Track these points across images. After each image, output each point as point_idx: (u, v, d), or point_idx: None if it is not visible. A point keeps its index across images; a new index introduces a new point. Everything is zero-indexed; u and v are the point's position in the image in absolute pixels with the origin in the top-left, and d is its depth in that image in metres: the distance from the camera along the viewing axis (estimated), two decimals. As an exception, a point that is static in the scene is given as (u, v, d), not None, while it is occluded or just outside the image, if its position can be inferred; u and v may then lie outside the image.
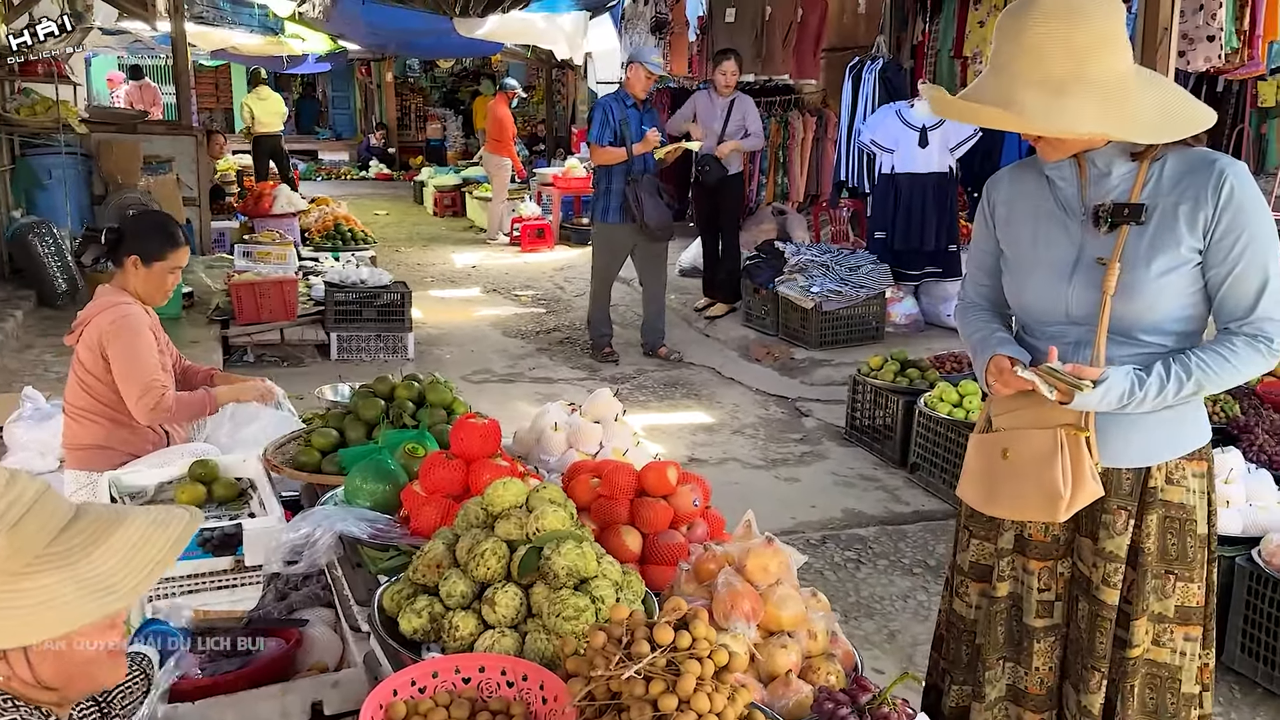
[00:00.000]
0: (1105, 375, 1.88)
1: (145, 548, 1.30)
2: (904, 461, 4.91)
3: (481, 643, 1.76)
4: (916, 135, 6.68)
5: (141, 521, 1.32)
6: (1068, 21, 1.77)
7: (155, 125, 9.31)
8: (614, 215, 6.51)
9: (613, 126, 6.47)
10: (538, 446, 3.01)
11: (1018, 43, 1.82)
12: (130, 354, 3.08)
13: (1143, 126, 1.82)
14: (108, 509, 1.36)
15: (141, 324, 3.14)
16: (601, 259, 6.78)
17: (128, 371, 3.08)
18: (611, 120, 6.47)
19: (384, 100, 20.55)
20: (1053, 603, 2.10)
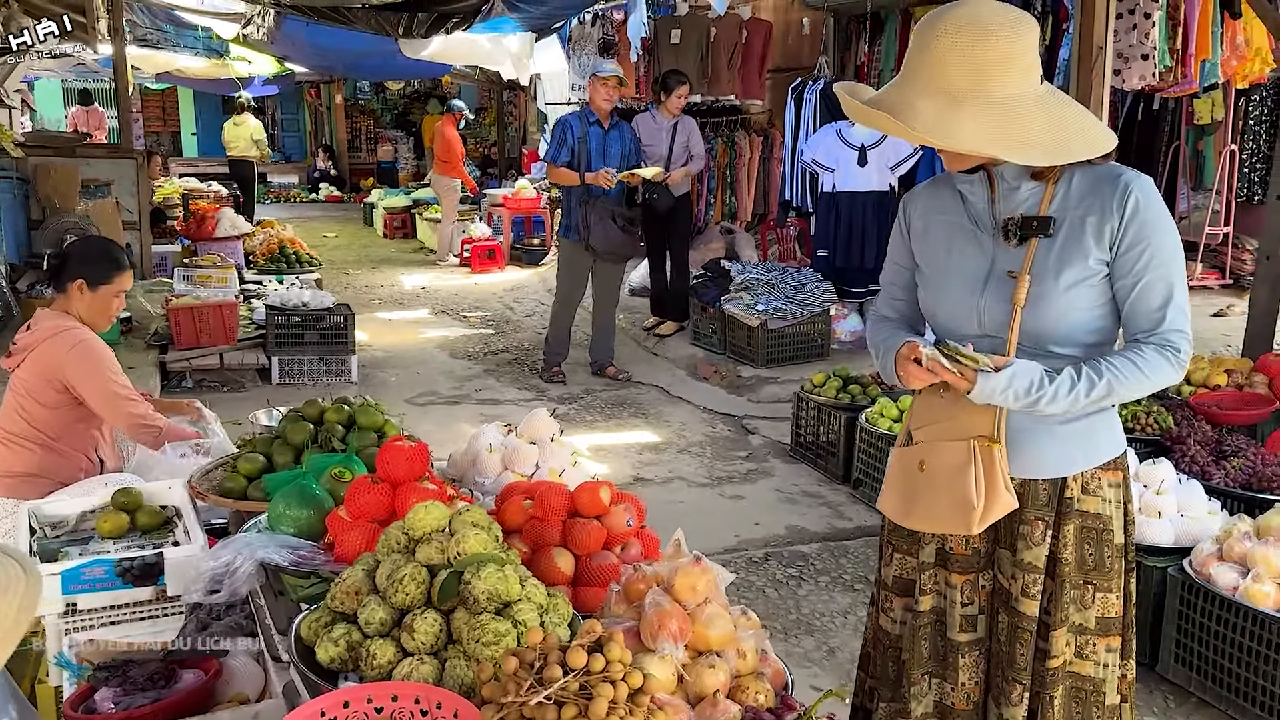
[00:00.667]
0: (1011, 363, 1.89)
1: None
2: (847, 477, 4.93)
3: (400, 671, 1.72)
4: (855, 154, 6.77)
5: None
6: (972, 36, 1.80)
7: (94, 149, 9.14)
8: (571, 234, 6.52)
9: (570, 145, 6.40)
10: (473, 469, 2.98)
11: (923, 53, 1.86)
12: (102, 373, 3.12)
13: (1031, 148, 1.83)
14: None
15: (103, 345, 3.18)
16: (563, 277, 6.75)
17: (106, 389, 3.10)
18: (570, 139, 6.41)
19: (334, 123, 20.40)
20: (975, 616, 2.11)
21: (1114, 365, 1.91)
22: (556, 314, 6.86)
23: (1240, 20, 7.08)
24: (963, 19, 1.82)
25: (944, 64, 1.82)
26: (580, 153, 6.39)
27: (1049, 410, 1.91)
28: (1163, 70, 6.88)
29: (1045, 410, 1.91)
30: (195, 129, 22.79)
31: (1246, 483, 3.60)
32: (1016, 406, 1.90)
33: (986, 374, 1.88)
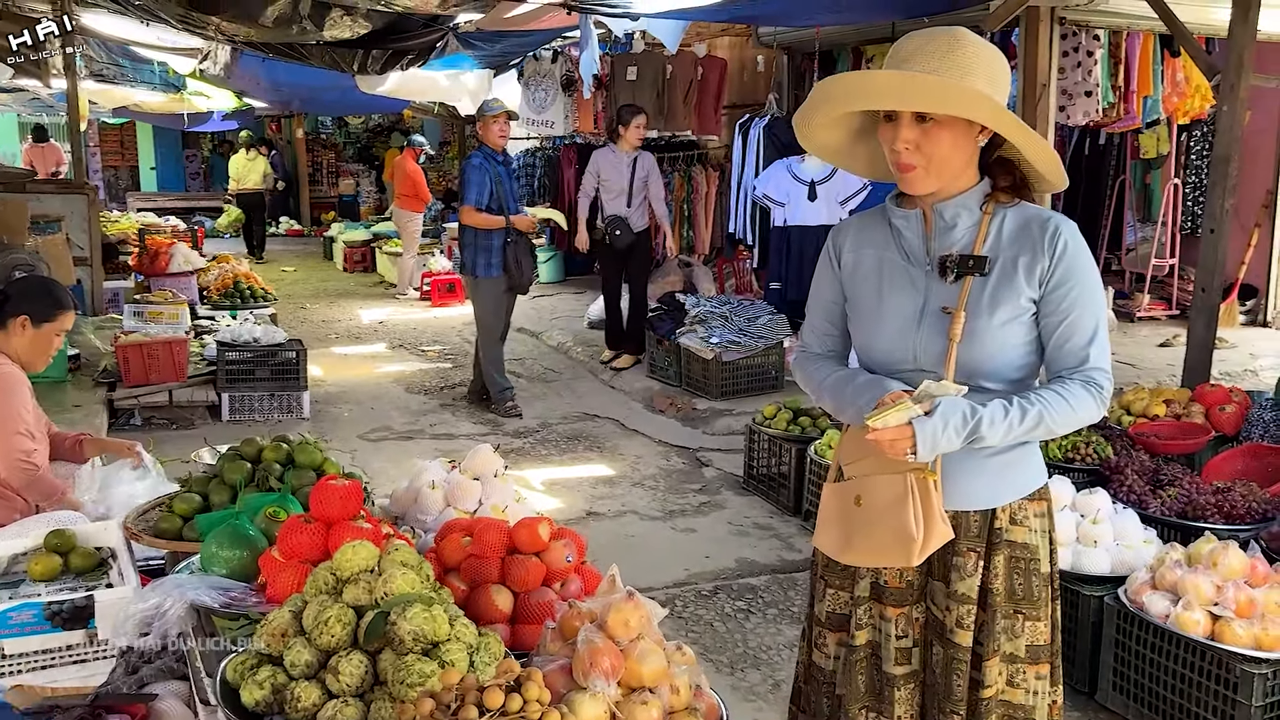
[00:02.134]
0: (937, 404, 1.91)
1: None
2: (798, 509, 4.96)
3: (324, 713, 1.71)
4: (806, 189, 6.88)
5: None
6: (946, 37, 1.92)
7: (44, 184, 9.05)
8: (496, 270, 6.57)
9: (489, 188, 6.53)
10: (415, 506, 2.96)
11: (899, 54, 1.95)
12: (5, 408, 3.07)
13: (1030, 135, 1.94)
14: None
15: (19, 382, 3.12)
16: (488, 314, 6.77)
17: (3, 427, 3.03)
18: (488, 182, 6.53)
19: (295, 156, 20.33)
20: (910, 649, 2.13)
21: (1043, 398, 1.97)
22: (490, 351, 6.88)
23: (1180, 59, 7.31)
24: (937, 29, 1.94)
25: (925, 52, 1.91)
26: (498, 194, 6.54)
27: (988, 439, 1.94)
28: (1106, 106, 7.08)
29: (985, 439, 1.94)
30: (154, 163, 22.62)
31: (1182, 511, 3.67)
32: (960, 444, 1.93)
33: (922, 422, 1.89)
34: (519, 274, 6.57)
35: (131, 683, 2.33)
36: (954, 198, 2.02)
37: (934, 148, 1.94)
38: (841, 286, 2.19)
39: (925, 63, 1.89)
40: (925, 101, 1.90)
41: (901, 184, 2.02)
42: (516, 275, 6.57)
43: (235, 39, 7.75)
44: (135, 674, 2.36)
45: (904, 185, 2.01)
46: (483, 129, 6.61)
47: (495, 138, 6.57)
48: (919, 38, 1.94)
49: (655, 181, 7.31)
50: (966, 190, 2.02)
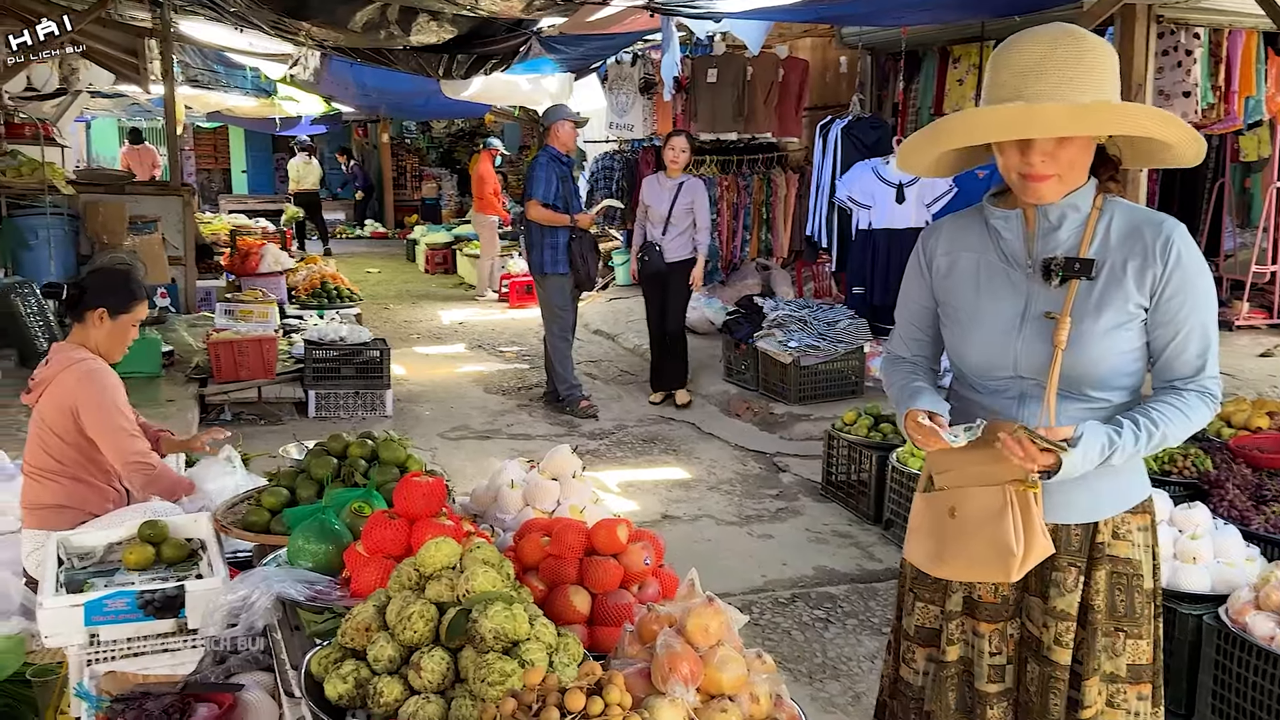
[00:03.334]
0: (1080, 432, 1.86)
1: None
2: (878, 518, 4.87)
3: (406, 709, 1.71)
4: (893, 191, 6.75)
5: None
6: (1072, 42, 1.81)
7: (142, 186, 9.37)
8: (562, 266, 6.69)
9: (556, 186, 6.68)
10: (494, 505, 2.98)
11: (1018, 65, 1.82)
12: (107, 404, 3.13)
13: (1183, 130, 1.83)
14: None
15: (112, 376, 3.19)
16: (558, 313, 6.87)
17: (106, 421, 3.12)
18: (554, 181, 6.70)
19: (380, 160, 20.77)
20: (1004, 666, 2.06)
21: (1163, 413, 1.91)
22: (560, 349, 6.94)
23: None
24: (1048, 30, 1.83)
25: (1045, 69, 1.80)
26: (564, 192, 6.71)
27: (1114, 462, 1.89)
28: (1205, 108, 6.80)
29: (1112, 462, 1.89)
30: (245, 166, 23.34)
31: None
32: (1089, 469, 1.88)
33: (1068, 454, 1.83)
34: (584, 269, 6.70)
35: (219, 672, 2.38)
36: (1063, 198, 1.92)
37: (1067, 155, 1.86)
38: (933, 291, 2.12)
39: (1057, 74, 1.78)
40: (1090, 126, 1.83)
41: (1028, 194, 1.91)
42: (582, 270, 6.69)
43: (325, 44, 7.93)
44: (223, 664, 2.41)
45: (1032, 195, 1.91)
46: (556, 130, 6.75)
47: (567, 140, 6.77)
48: (1038, 44, 1.81)
49: (701, 210, 6.89)
50: (1077, 189, 1.93)
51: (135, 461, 3.16)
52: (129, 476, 3.18)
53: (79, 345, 3.21)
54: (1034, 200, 1.92)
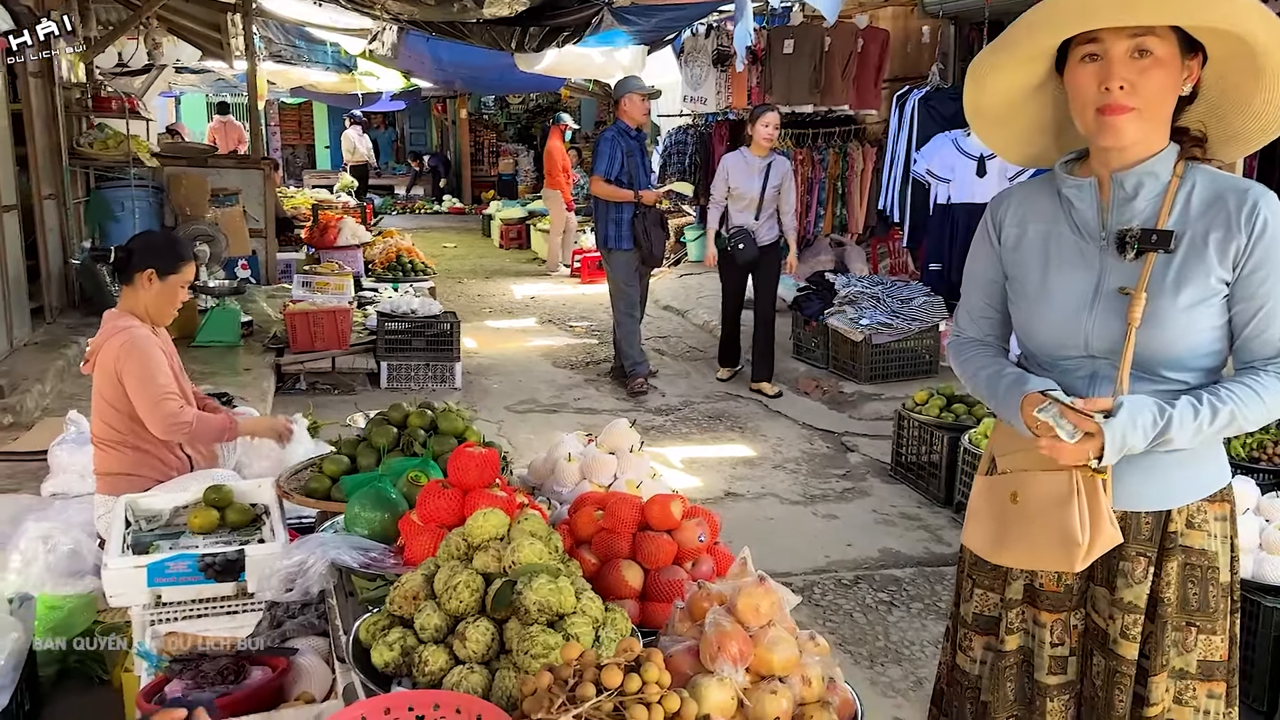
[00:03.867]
0: (1120, 403, 1.73)
1: None
2: (949, 500, 4.75)
3: (450, 678, 1.71)
4: (974, 164, 6.54)
5: None
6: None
7: (224, 159, 9.60)
8: (627, 242, 6.62)
9: (620, 161, 6.58)
10: (551, 478, 2.97)
11: None
12: (142, 372, 3.14)
13: None
14: None
15: (151, 343, 3.19)
16: (624, 289, 6.81)
17: (141, 388, 3.13)
18: (619, 155, 6.57)
19: (458, 136, 20.96)
20: (1066, 658, 1.96)
21: (1234, 393, 1.77)
22: (626, 326, 6.86)
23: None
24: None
25: None
26: (629, 167, 6.58)
27: (1176, 441, 1.76)
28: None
29: (1173, 442, 1.76)
30: (328, 142, 23.78)
31: (1388, 521, 3.29)
32: (1144, 446, 1.75)
33: (1110, 424, 1.72)
34: (648, 245, 6.58)
35: (275, 636, 2.41)
36: (1139, 163, 1.79)
37: (1150, 86, 1.71)
38: (1001, 264, 2.01)
39: None
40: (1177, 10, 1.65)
41: (1105, 135, 1.76)
42: (646, 247, 6.58)
43: (400, 18, 7.98)
44: (279, 628, 2.45)
45: (1109, 135, 1.76)
46: (627, 104, 6.65)
47: (636, 114, 6.64)
48: None
49: (789, 190, 6.63)
50: (1155, 154, 1.80)
51: (171, 425, 3.16)
52: (171, 440, 3.20)
53: (126, 313, 3.25)
54: (1112, 142, 1.78)
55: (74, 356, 6.29)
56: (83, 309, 7.29)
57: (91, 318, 6.98)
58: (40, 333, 6.72)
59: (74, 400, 5.36)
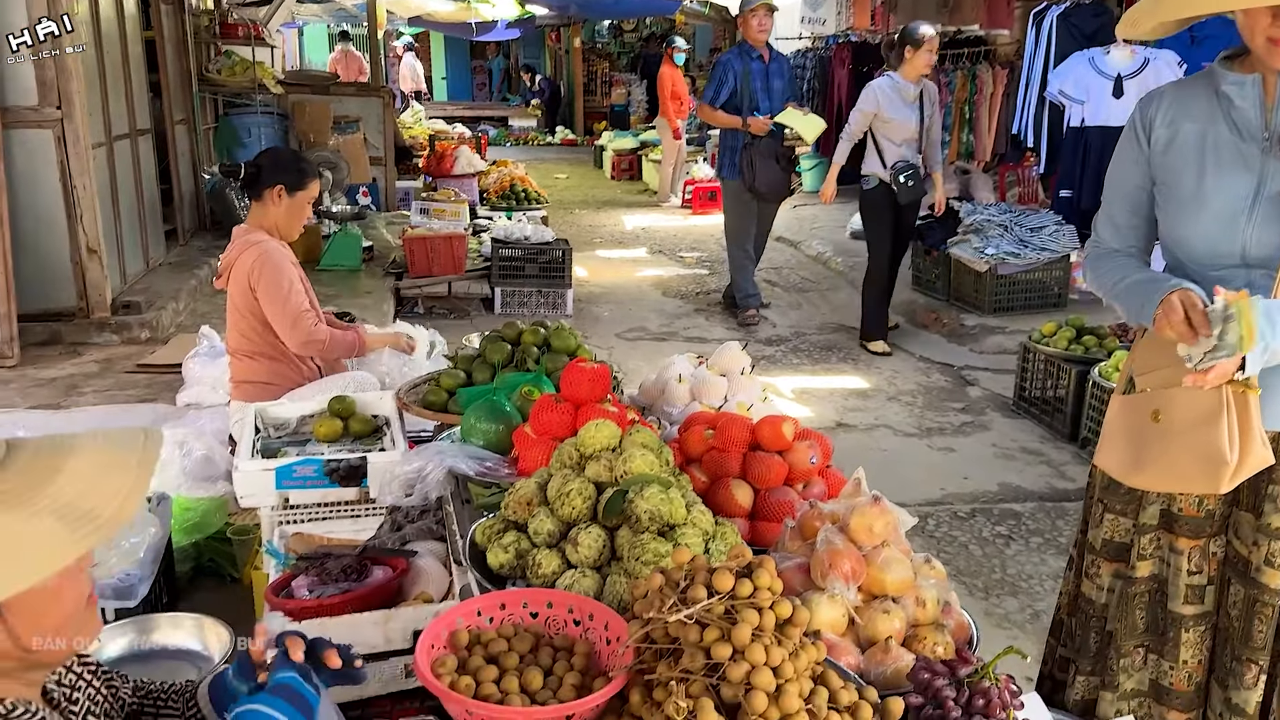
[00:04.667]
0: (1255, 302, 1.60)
1: (115, 471, 1.14)
2: (1074, 436, 4.56)
3: (562, 581, 1.73)
4: (1110, 84, 6.14)
5: (94, 444, 1.17)
6: None
7: (345, 87, 9.78)
8: (733, 172, 6.38)
9: (731, 85, 6.22)
10: (661, 398, 2.95)
11: None
12: (276, 288, 3.23)
13: None
14: (47, 440, 1.18)
15: (283, 258, 3.27)
16: (732, 219, 6.62)
17: (275, 304, 3.23)
18: (730, 79, 6.21)
19: (571, 66, 20.87)
20: (1204, 587, 1.86)
21: None
22: (736, 259, 6.68)
23: None
24: None
25: None
26: (743, 91, 6.20)
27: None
28: None
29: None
30: (445, 73, 24.01)
31: None
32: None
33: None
34: (752, 177, 6.22)
35: (395, 539, 2.49)
36: None
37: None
38: (1150, 168, 1.88)
39: None
40: None
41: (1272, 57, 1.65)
42: (749, 178, 6.25)
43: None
44: (399, 531, 2.52)
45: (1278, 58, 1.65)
46: (742, 24, 6.35)
47: (754, 33, 6.25)
48: None
49: (938, 120, 5.99)
50: None
51: (306, 341, 3.26)
52: (306, 352, 3.30)
53: (256, 228, 3.33)
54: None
55: (205, 276, 6.58)
56: (213, 231, 7.60)
57: (221, 240, 7.27)
58: (174, 254, 7.04)
59: (205, 317, 5.61)
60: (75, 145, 5.28)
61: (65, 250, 5.41)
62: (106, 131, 5.91)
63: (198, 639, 2.22)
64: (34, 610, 1.12)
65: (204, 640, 2.22)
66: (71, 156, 5.28)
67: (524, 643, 1.53)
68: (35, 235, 5.33)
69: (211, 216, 7.65)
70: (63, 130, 5.24)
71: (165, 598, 2.89)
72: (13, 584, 1.05)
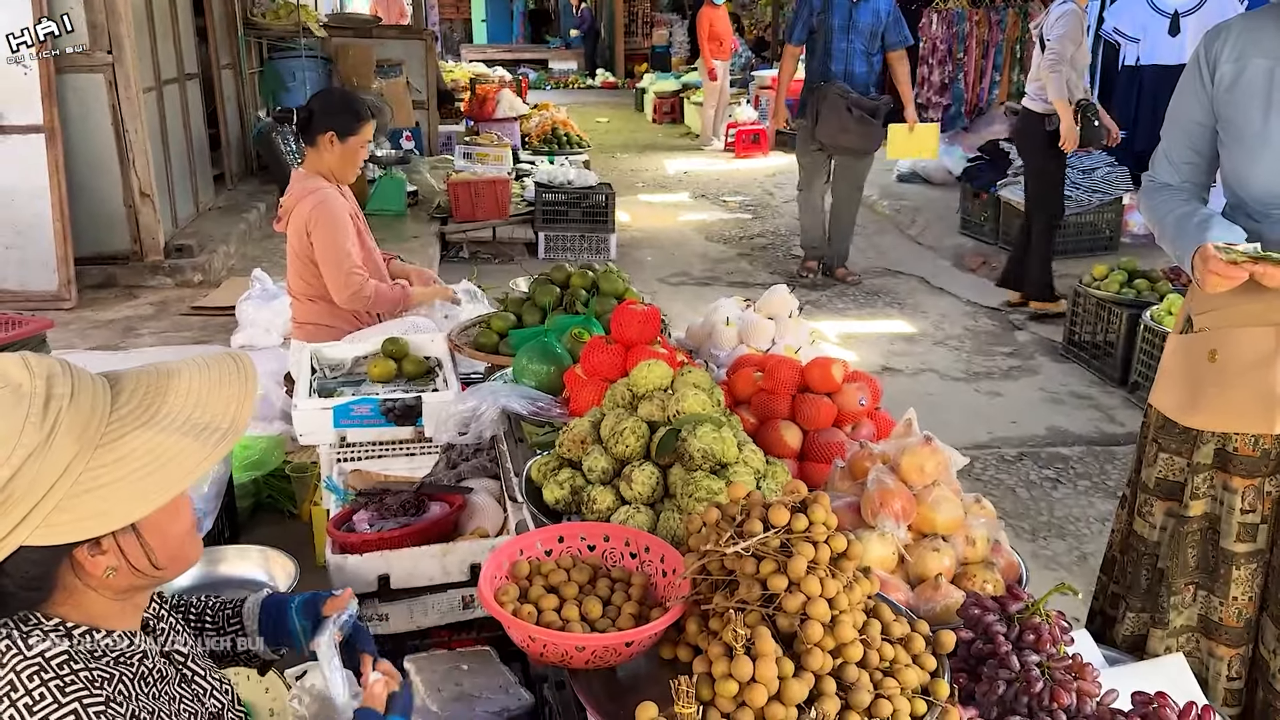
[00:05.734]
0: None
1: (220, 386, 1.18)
2: (1124, 380, 4.52)
3: (617, 517, 1.77)
4: (1167, 22, 5.97)
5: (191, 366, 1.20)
6: None
7: (387, 30, 9.75)
8: (800, 114, 5.99)
9: (807, 19, 5.52)
10: (709, 341, 2.96)
11: None
12: (330, 241, 3.24)
13: None
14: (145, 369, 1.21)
15: (340, 209, 3.27)
16: (800, 164, 6.28)
17: (328, 257, 3.24)
18: (807, 12, 5.51)
19: (612, 6, 20.58)
20: (1257, 525, 1.86)
21: None
22: (799, 201, 6.38)
23: None
24: None
25: None
26: (821, 28, 5.49)
27: None
28: None
29: None
30: (485, 16, 23.80)
31: None
32: None
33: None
34: (813, 125, 5.63)
35: (451, 476, 2.55)
36: None
37: None
38: (1213, 104, 1.83)
39: None
40: None
41: None
42: (810, 126, 5.66)
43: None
44: (454, 469, 2.59)
45: None
46: None
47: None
48: None
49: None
50: None
51: (351, 297, 3.25)
52: (347, 303, 3.28)
53: (314, 173, 3.34)
54: None
55: (254, 220, 6.66)
56: (260, 176, 7.67)
57: (269, 185, 7.35)
58: (222, 198, 7.12)
59: (256, 261, 5.70)
60: (126, 89, 5.34)
61: (118, 194, 5.50)
62: (156, 76, 5.96)
63: (264, 570, 2.30)
64: (162, 529, 1.17)
65: (270, 571, 2.30)
66: (123, 100, 5.35)
67: (582, 574, 1.57)
68: (89, 179, 5.42)
69: (259, 161, 7.72)
70: (114, 74, 5.30)
71: (227, 532, 2.99)
72: (158, 497, 1.10)
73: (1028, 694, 1.48)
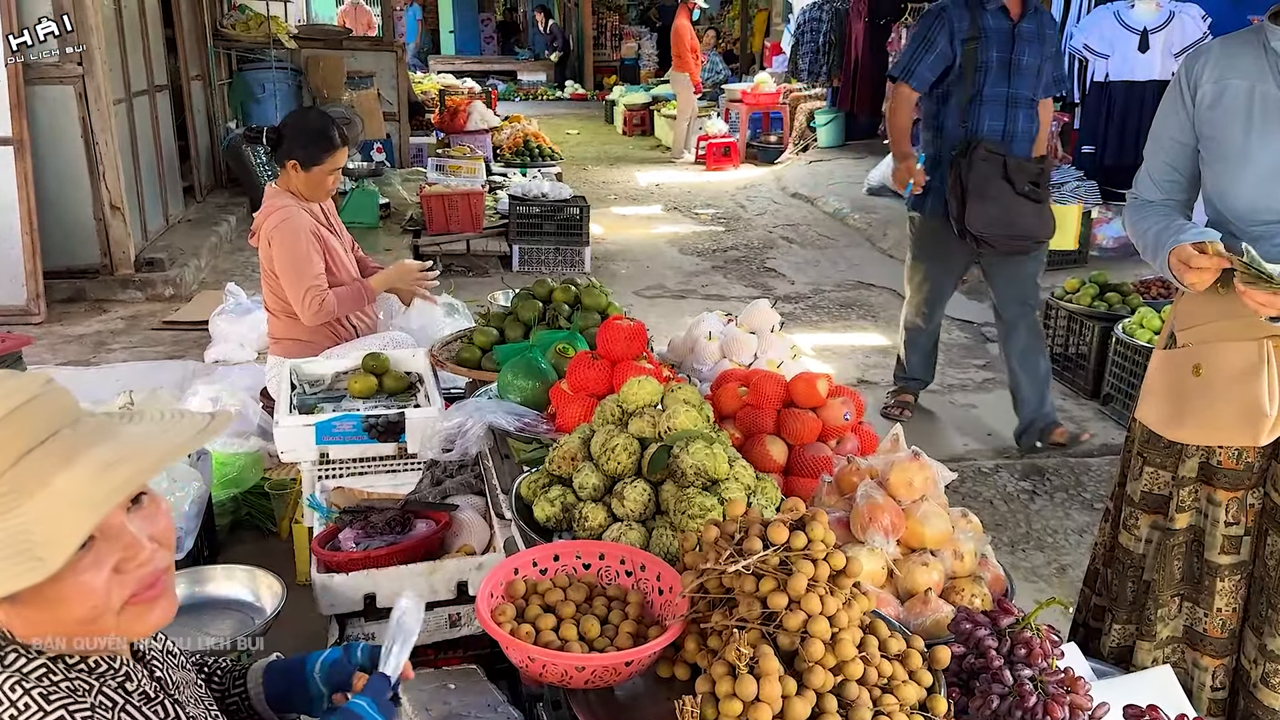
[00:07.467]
0: None
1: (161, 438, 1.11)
2: (1096, 393, 4.58)
3: (609, 534, 1.76)
4: (1136, 38, 6.07)
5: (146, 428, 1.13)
6: None
7: (358, 41, 9.70)
8: (930, 202, 3.95)
9: (943, 50, 3.71)
10: (691, 355, 2.97)
11: None
12: (289, 258, 3.17)
13: None
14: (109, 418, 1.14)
15: (300, 226, 3.18)
16: (916, 268, 4.29)
17: (288, 276, 3.17)
18: (943, 41, 3.70)
19: (581, 19, 20.63)
20: (1241, 538, 1.90)
21: None
22: (905, 318, 4.49)
23: None
24: None
25: None
26: (967, 69, 3.70)
27: None
28: None
29: None
30: (453, 27, 23.75)
31: None
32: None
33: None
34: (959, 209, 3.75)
35: (436, 493, 2.54)
36: None
37: None
38: (1194, 124, 1.88)
39: None
40: None
41: None
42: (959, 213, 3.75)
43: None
44: (439, 485, 2.57)
45: None
46: None
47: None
48: None
49: None
50: None
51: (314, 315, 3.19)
52: (311, 320, 3.22)
53: (284, 189, 3.29)
54: None
55: (225, 233, 6.59)
56: (230, 189, 7.60)
57: (239, 197, 7.28)
58: (192, 210, 7.05)
59: (227, 274, 5.64)
60: (97, 101, 5.28)
61: (88, 207, 5.43)
62: (126, 88, 5.90)
63: (250, 590, 2.27)
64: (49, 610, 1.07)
65: (256, 591, 2.27)
66: (93, 113, 5.28)
67: (579, 592, 1.57)
68: (58, 192, 5.34)
69: (228, 173, 7.65)
70: (84, 86, 5.24)
71: (207, 550, 2.95)
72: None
73: (1021, 708, 1.49)
